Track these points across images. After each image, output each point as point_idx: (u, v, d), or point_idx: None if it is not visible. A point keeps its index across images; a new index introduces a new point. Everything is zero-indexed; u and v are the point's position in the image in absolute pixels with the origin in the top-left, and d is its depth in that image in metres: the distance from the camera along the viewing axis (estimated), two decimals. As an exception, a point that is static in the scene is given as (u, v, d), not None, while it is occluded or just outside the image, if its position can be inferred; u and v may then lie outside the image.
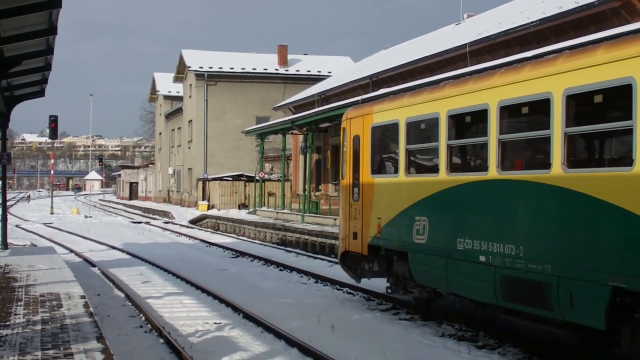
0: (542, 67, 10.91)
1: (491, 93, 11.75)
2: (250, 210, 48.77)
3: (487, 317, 13.69)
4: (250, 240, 35.87)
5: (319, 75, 61.77)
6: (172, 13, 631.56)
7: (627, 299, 9.40)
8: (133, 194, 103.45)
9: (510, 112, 11.54)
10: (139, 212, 68.49)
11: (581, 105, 10.28)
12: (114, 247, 30.83)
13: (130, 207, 77.93)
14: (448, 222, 12.99)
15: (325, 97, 45.40)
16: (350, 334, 13.23)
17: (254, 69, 63.30)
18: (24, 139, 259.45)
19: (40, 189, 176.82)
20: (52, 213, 63.91)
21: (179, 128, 72.84)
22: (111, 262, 25.32)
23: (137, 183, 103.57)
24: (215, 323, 14.27)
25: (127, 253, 28.28)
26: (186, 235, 38.26)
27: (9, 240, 26.00)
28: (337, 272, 19.03)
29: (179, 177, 72.54)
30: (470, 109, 12.48)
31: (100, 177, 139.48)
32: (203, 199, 57.53)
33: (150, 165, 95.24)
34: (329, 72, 61.05)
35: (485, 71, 13.89)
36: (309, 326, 13.75)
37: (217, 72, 62.70)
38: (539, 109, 10.71)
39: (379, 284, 16.95)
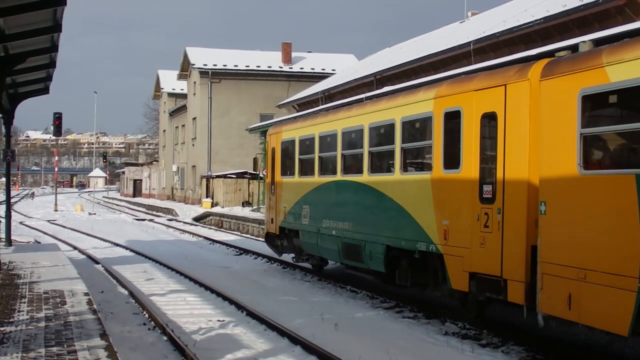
0: (358, 108, 17.55)
1: (338, 123, 18.04)
2: (254, 207, 48.77)
3: (491, 316, 13.68)
4: (254, 237, 35.86)
5: (323, 73, 61.71)
6: (177, 9, 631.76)
7: (398, 253, 15.15)
8: (137, 191, 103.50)
9: (348, 136, 17.57)
10: (143, 210, 68.54)
11: (379, 132, 16.13)
12: (117, 245, 30.86)
13: (134, 205, 77.99)
14: (318, 209, 19.12)
15: (329, 94, 45.37)
16: (353, 331, 13.22)
17: (258, 66, 63.27)
18: (28, 136, 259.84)
19: (44, 186, 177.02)
20: (56, 210, 63.99)
21: (183, 125, 72.87)
22: (115, 259, 25.35)
23: (141, 180, 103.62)
24: (218, 320, 14.28)
25: (131, 250, 28.30)
26: (190, 233, 38.28)
27: (13, 237, 26.05)
28: (341, 270, 19.02)
29: (182, 174, 72.59)
30: (327, 133, 18.69)
31: (104, 175, 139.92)
32: (207, 197, 57.56)
33: (154, 162, 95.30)
34: (333, 70, 60.99)
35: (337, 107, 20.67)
36: (313, 324, 13.75)
37: (221, 69, 62.67)
38: (360, 134, 16.80)
39: (377, 283, 16.96)
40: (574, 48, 12.74)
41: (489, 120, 12.25)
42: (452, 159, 13.14)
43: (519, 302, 11.36)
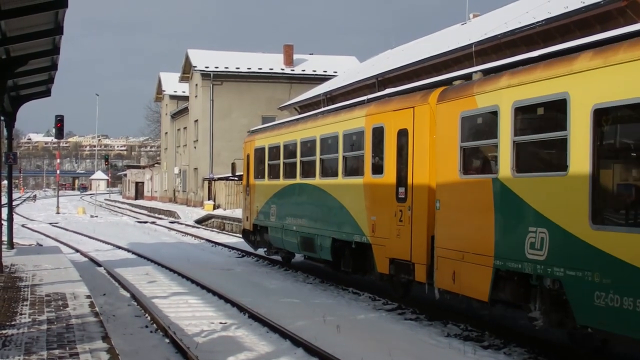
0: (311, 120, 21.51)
1: (298, 134, 21.22)
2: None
3: (493, 318, 13.67)
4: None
5: (325, 75, 61.73)
6: (179, 11, 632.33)
7: (341, 244, 18.25)
8: (139, 193, 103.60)
9: (305, 145, 20.59)
10: (145, 212, 68.58)
11: (327, 143, 19.22)
12: (119, 247, 30.86)
13: (136, 207, 78.03)
14: (283, 208, 22.19)
15: (331, 97, 45.37)
16: (355, 333, 13.22)
17: (260, 68, 63.30)
18: (30, 139, 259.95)
19: (46, 189, 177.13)
20: (58, 213, 64.02)
21: (185, 128, 72.92)
22: (117, 261, 25.35)
23: (143, 183, 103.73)
24: (220, 323, 14.27)
25: (133, 253, 28.30)
26: (192, 235, 38.29)
27: (15, 240, 26.05)
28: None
29: (184, 176, 72.62)
30: (290, 142, 21.78)
31: (106, 177, 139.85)
32: (209, 199, 57.58)
33: (156, 164, 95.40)
34: (335, 72, 61.00)
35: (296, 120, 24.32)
36: (315, 326, 13.74)
37: (223, 71, 62.70)
38: (313, 144, 19.97)
39: (376, 284, 16.95)
40: (467, 77, 14.77)
41: (402, 135, 15.25)
42: (377, 166, 16.34)
43: (422, 280, 14.34)
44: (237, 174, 31.87)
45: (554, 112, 10.87)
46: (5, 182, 26.82)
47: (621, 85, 9.41)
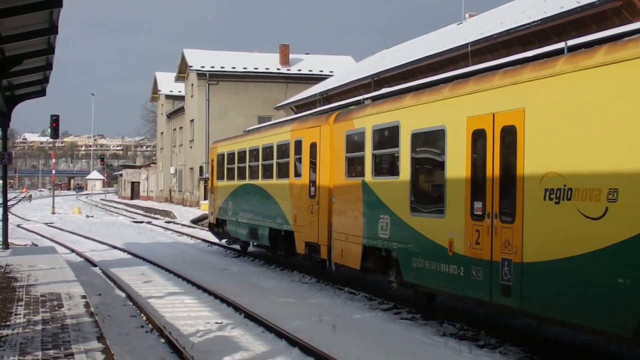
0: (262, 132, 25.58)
1: (247, 143, 25.71)
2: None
3: (488, 317, 13.67)
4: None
5: (321, 74, 61.72)
6: (175, 12, 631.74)
7: (275, 232, 22.41)
8: (135, 193, 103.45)
9: (252, 152, 24.85)
10: (141, 212, 68.50)
11: (266, 151, 23.56)
12: (115, 247, 30.82)
13: (131, 207, 77.95)
14: (236, 204, 26.41)
15: (327, 96, 45.39)
16: (351, 333, 13.21)
17: (256, 68, 63.27)
18: (25, 139, 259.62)
19: (42, 189, 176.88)
20: (53, 213, 63.91)
21: (181, 127, 72.84)
22: (112, 261, 25.32)
23: (138, 183, 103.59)
24: (216, 323, 14.26)
25: (129, 253, 28.26)
26: (188, 235, 38.26)
27: (10, 240, 26.00)
28: (340, 272, 19.00)
29: (180, 176, 72.55)
30: (241, 150, 26.11)
31: (101, 177, 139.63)
32: (205, 199, 57.48)
33: (151, 164, 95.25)
34: (331, 72, 61.01)
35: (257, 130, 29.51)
36: (311, 326, 13.73)
37: (219, 71, 62.65)
38: (257, 151, 24.34)
39: (370, 282, 16.94)
40: (359, 102, 20.32)
41: (313, 147, 19.57)
42: (297, 170, 20.64)
43: (325, 257, 18.69)
44: (204, 176, 36.28)
45: (393, 134, 15.10)
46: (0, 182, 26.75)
47: (425, 118, 13.94)
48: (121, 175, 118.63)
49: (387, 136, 15.38)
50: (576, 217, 9.92)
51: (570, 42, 16.27)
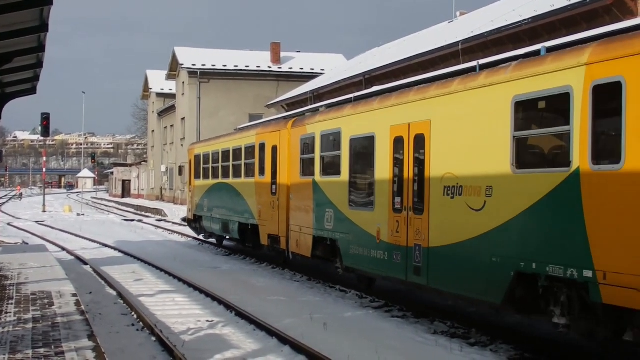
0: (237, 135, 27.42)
1: (219, 145, 27.97)
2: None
3: (479, 315, 13.70)
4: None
5: (312, 72, 61.70)
6: (166, 10, 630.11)
7: (243, 226, 24.53)
8: (126, 191, 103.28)
9: (224, 154, 26.91)
10: (132, 210, 68.35)
11: (235, 153, 25.86)
12: (106, 245, 30.75)
13: (122, 205, 77.76)
14: (211, 201, 28.61)
15: (318, 94, 45.39)
16: (342, 331, 13.21)
17: (247, 66, 63.21)
18: (16, 137, 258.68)
19: (33, 187, 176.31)
20: (44, 211, 63.75)
21: (172, 126, 72.72)
22: (103, 260, 25.25)
23: (129, 181, 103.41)
24: (207, 321, 14.25)
25: (120, 251, 28.21)
26: (179, 233, 38.21)
27: (0, 239, 25.91)
28: (330, 270, 19.03)
29: (171, 174, 72.41)
30: (214, 151, 28.48)
31: (92, 175, 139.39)
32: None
33: (143, 163, 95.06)
34: (322, 70, 61.00)
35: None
36: (302, 324, 13.74)
37: (210, 69, 62.57)
38: (228, 153, 26.43)
39: (358, 282, 16.96)
40: (315, 110, 22.98)
41: (274, 149, 21.62)
42: (262, 170, 22.73)
43: (284, 247, 20.64)
44: (184, 176, 38.67)
45: (336, 139, 17.37)
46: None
47: (360, 126, 16.19)
48: (112, 173, 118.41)
49: (332, 141, 17.72)
50: (465, 209, 12.15)
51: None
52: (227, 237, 28.06)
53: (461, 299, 13.13)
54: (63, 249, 29.24)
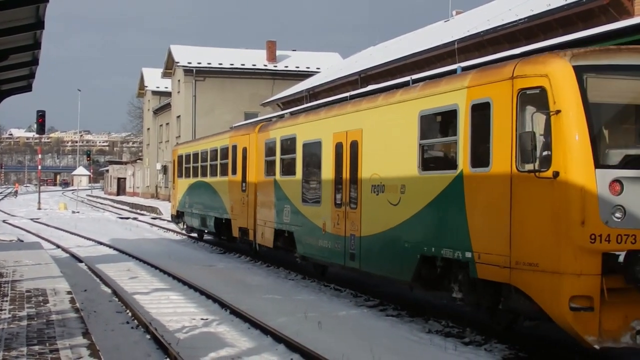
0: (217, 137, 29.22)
1: (199, 147, 30.58)
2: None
3: (474, 314, 13.72)
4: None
5: (308, 71, 61.67)
6: (162, 8, 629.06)
7: (218, 221, 27.05)
8: (121, 189, 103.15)
9: (203, 154, 29.44)
10: (127, 208, 68.27)
11: (212, 154, 28.27)
12: (101, 243, 30.72)
13: (117, 203, 77.63)
14: (191, 198, 31.02)
15: (313, 93, 45.39)
16: (337, 329, 13.23)
17: (243, 64, 63.14)
18: (11, 134, 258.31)
19: (28, 184, 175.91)
20: (39, 208, 63.58)
21: (167, 124, 72.65)
22: (98, 257, 25.23)
23: (124, 179, 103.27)
24: (202, 319, 14.25)
25: (115, 249, 28.18)
26: (174, 231, 38.13)
27: (-5, 236, 25.85)
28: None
29: (167, 172, 72.31)
30: (195, 152, 30.77)
31: (88, 173, 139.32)
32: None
33: (138, 160, 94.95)
34: (318, 68, 60.97)
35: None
36: (297, 322, 13.75)
37: (205, 67, 62.50)
38: (207, 154, 28.96)
39: (357, 280, 16.96)
40: (280, 116, 25.65)
41: (244, 151, 23.95)
42: (234, 169, 25.03)
43: (251, 239, 23.02)
44: (168, 175, 40.07)
45: (292, 143, 19.74)
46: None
47: (310, 132, 18.70)
48: (107, 171, 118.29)
49: (289, 145, 20.10)
50: (386, 204, 14.56)
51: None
52: (206, 231, 30.31)
53: (385, 279, 15.72)
54: (58, 246, 29.19)
